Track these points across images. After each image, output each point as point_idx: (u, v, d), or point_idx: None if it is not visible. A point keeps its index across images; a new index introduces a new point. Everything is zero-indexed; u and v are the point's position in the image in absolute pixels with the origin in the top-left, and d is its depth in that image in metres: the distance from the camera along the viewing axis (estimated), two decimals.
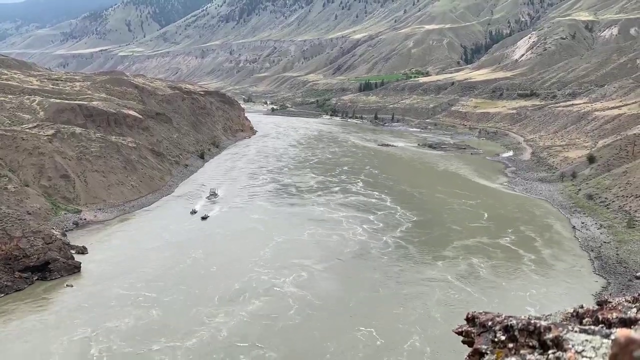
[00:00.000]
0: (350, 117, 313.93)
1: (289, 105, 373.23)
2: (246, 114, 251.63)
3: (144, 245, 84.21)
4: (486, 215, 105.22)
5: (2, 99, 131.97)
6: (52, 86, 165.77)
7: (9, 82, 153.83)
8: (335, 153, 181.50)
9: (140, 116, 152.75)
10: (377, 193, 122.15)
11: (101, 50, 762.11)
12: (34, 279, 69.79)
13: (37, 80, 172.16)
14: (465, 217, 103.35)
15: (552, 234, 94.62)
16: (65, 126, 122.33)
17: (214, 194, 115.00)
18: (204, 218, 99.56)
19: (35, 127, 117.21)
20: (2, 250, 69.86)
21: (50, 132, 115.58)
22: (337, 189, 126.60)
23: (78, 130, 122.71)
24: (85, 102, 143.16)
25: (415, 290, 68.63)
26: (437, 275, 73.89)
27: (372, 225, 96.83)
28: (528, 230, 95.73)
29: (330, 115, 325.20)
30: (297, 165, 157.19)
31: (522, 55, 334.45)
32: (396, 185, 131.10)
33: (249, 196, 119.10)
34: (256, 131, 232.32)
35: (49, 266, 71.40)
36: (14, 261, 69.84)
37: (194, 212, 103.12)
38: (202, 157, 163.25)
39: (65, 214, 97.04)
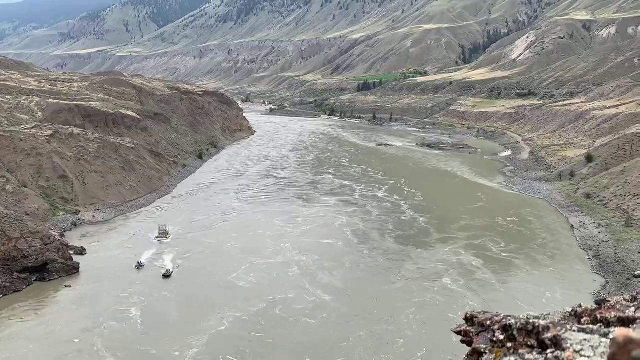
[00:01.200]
0: (348, 117, 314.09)
1: (288, 105, 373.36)
2: (244, 114, 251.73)
3: (141, 245, 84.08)
4: (484, 214, 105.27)
5: (0, 99, 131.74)
6: (50, 87, 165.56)
7: (7, 83, 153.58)
8: (333, 153, 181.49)
9: (139, 116, 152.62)
10: (375, 194, 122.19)
11: (99, 51, 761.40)
12: (33, 279, 69.64)
13: (35, 81, 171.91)
14: (463, 216, 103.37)
15: (550, 233, 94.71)
16: (64, 127, 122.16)
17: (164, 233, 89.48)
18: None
19: (33, 127, 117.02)
20: (1, 251, 69.72)
21: (49, 132, 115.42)
22: (339, 192, 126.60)
23: (76, 130, 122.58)
24: (84, 103, 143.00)
25: (411, 289, 68.62)
26: (434, 275, 73.86)
27: (370, 229, 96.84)
28: (526, 229, 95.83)
29: (329, 115, 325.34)
30: (297, 168, 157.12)
31: (520, 54, 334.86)
32: (393, 185, 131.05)
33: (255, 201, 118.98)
34: (255, 131, 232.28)
35: (48, 267, 71.28)
36: (12, 262, 69.71)
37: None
38: (200, 157, 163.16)
39: (63, 214, 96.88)
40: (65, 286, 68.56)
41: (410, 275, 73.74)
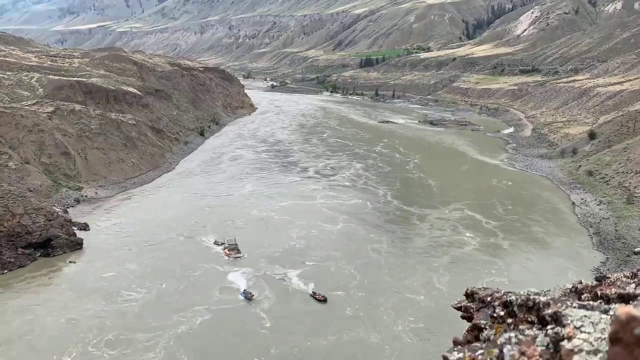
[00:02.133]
0: (350, 94, 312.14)
1: (289, 82, 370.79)
2: (246, 91, 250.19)
3: (145, 221, 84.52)
4: (485, 191, 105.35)
5: (1, 75, 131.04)
6: (50, 63, 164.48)
7: (7, 59, 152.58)
8: (335, 131, 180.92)
9: (140, 93, 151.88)
10: (375, 175, 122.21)
11: (99, 27, 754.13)
12: (37, 255, 70.29)
13: (35, 57, 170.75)
14: (464, 193, 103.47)
15: (551, 210, 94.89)
16: (65, 103, 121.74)
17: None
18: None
19: (34, 104, 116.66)
20: (5, 227, 70.20)
21: (50, 109, 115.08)
22: (344, 170, 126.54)
23: (77, 107, 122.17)
24: (84, 79, 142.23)
25: (411, 264, 69.10)
26: (435, 250, 74.31)
27: (374, 206, 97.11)
28: (527, 206, 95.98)
29: (331, 92, 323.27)
30: (299, 146, 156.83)
31: (525, 30, 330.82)
32: (395, 163, 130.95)
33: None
34: (256, 108, 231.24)
35: (52, 243, 71.85)
36: (16, 238, 70.25)
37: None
38: (202, 134, 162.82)
39: (66, 191, 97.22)
40: (69, 262, 69.19)
41: (413, 252, 74.18)
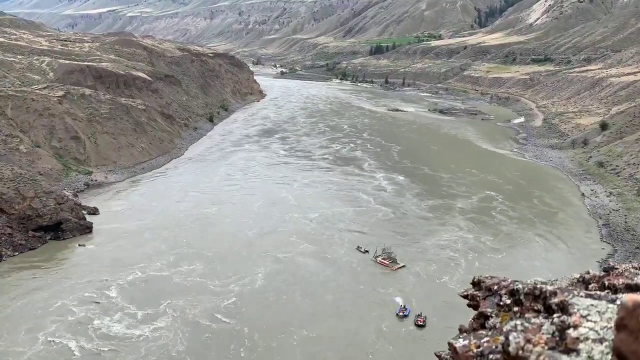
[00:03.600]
0: (360, 82, 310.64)
1: (299, 69, 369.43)
2: (255, 77, 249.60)
3: (154, 206, 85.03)
4: (494, 181, 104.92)
5: (12, 59, 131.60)
6: (61, 47, 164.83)
7: (18, 43, 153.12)
8: (345, 119, 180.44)
9: (150, 78, 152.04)
10: (387, 161, 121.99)
11: (109, 11, 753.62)
12: (47, 238, 71.06)
13: (45, 41, 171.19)
14: (473, 182, 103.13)
15: (560, 201, 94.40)
16: (75, 87, 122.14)
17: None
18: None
19: (45, 88, 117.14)
20: (16, 210, 70.97)
21: (60, 93, 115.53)
22: (352, 162, 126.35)
23: (88, 91, 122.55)
24: (95, 64, 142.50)
25: (419, 252, 69.17)
26: (444, 240, 74.28)
27: (389, 194, 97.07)
28: (536, 196, 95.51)
29: (340, 80, 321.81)
30: (309, 134, 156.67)
31: (538, 19, 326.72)
32: (404, 152, 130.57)
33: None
34: (265, 94, 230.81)
35: (62, 226, 72.56)
36: (27, 221, 71.01)
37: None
38: (211, 120, 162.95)
39: (76, 175, 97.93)
40: (79, 245, 69.91)
41: (417, 238, 74.21)
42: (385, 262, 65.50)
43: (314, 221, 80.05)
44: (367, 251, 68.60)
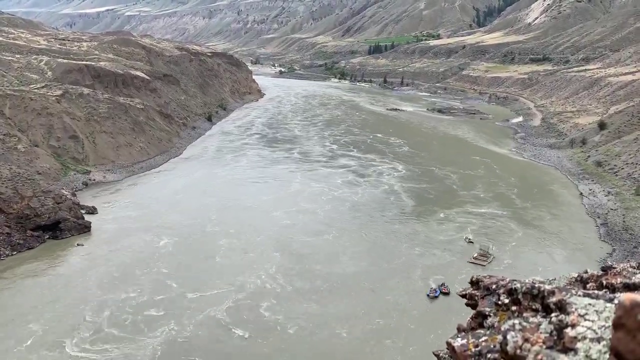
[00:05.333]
0: (359, 81, 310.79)
1: (297, 68, 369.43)
2: (254, 77, 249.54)
3: (152, 205, 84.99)
4: (492, 180, 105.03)
5: (10, 58, 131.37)
6: (59, 46, 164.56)
7: (16, 42, 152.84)
8: (343, 118, 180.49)
9: (148, 77, 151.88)
10: (385, 161, 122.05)
11: (108, 10, 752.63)
12: (46, 237, 70.98)
13: (44, 40, 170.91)
14: (471, 182, 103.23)
15: (558, 200, 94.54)
16: (73, 87, 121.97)
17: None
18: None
19: (43, 87, 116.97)
20: (14, 209, 70.88)
21: (59, 92, 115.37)
22: (351, 161, 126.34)
23: (86, 90, 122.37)
24: (93, 63, 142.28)
25: (417, 254, 69.24)
26: (440, 239, 74.35)
27: (383, 199, 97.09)
28: (534, 196, 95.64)
29: (339, 79, 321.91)
30: (307, 133, 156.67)
31: (536, 18, 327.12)
32: (402, 151, 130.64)
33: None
34: (264, 94, 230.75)
35: (60, 225, 72.48)
36: (25, 220, 70.93)
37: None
38: (209, 119, 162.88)
39: (74, 174, 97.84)
40: (77, 244, 69.84)
41: (417, 243, 74.28)
42: (479, 260, 67.06)
43: (313, 221, 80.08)
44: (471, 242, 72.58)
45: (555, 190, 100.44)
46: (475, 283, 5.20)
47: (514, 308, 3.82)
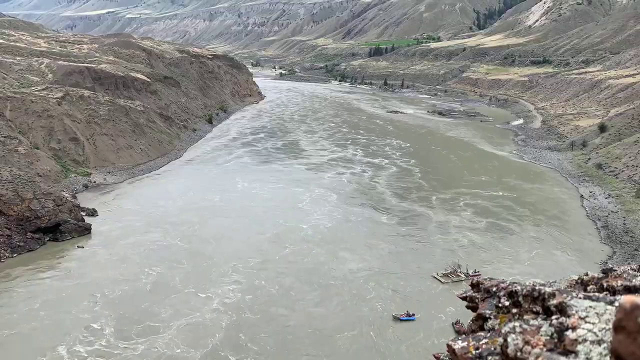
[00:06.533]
0: (359, 83, 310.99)
1: (298, 70, 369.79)
2: (254, 79, 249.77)
3: (153, 207, 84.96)
4: (492, 183, 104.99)
5: (11, 60, 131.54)
6: (60, 48, 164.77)
7: (17, 44, 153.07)
8: (344, 121, 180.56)
9: (149, 79, 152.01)
10: (385, 163, 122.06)
11: (108, 12, 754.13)
12: (46, 240, 70.94)
13: (44, 42, 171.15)
14: (471, 184, 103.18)
15: (559, 203, 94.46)
16: (74, 89, 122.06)
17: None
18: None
19: (44, 89, 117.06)
20: (14, 212, 70.86)
21: (59, 94, 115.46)
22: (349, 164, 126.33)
23: (86, 93, 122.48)
24: (94, 65, 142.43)
25: (417, 260, 69.17)
26: (441, 241, 74.29)
27: (387, 200, 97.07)
28: (534, 198, 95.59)
29: (339, 81, 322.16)
30: (307, 136, 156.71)
31: (536, 21, 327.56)
32: (403, 154, 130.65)
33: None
34: (264, 96, 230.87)
35: (60, 227, 72.44)
36: (26, 222, 70.90)
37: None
38: (210, 121, 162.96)
39: (75, 176, 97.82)
40: (78, 246, 69.79)
41: (417, 246, 74.26)
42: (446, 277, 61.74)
43: (313, 222, 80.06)
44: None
45: (555, 193, 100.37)
46: (475, 285, 5.20)
47: (514, 310, 3.82)
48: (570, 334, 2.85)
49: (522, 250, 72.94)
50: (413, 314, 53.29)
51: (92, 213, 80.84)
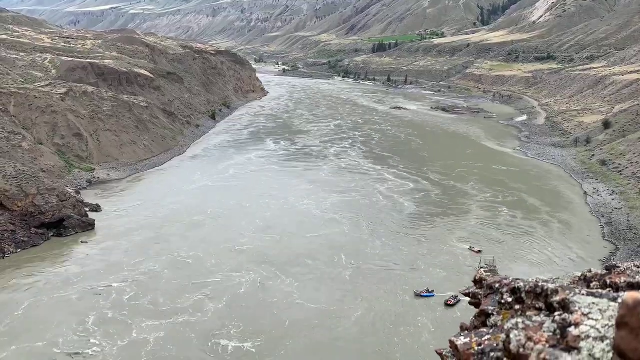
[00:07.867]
0: (362, 79, 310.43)
1: (301, 66, 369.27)
2: (257, 75, 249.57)
3: (156, 203, 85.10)
4: (496, 179, 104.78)
5: (15, 56, 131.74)
6: (63, 44, 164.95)
7: (21, 40, 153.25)
8: (348, 116, 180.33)
9: (152, 75, 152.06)
10: (389, 161, 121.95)
11: (112, 8, 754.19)
12: (50, 235, 71.20)
13: (48, 38, 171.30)
14: (475, 180, 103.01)
15: (562, 199, 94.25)
16: (78, 85, 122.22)
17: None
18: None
19: (47, 85, 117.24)
20: (19, 207, 71.11)
21: (63, 90, 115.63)
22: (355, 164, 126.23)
23: (90, 89, 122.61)
24: (97, 61, 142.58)
25: (419, 253, 69.21)
26: (445, 237, 74.26)
27: (392, 196, 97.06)
28: (538, 195, 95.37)
29: (343, 77, 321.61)
30: (311, 132, 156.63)
31: (541, 16, 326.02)
32: (407, 150, 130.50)
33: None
34: (267, 92, 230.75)
35: (64, 223, 72.68)
36: (30, 217, 71.16)
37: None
38: (213, 117, 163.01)
39: (78, 172, 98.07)
40: (82, 242, 70.03)
41: (421, 243, 74.25)
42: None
43: (313, 218, 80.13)
44: (480, 251, 68.43)
45: (559, 189, 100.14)
46: (478, 282, 5.21)
47: (517, 307, 3.82)
48: (573, 331, 2.85)
49: (525, 246, 72.85)
50: (432, 291, 58.50)
51: (96, 209, 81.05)
